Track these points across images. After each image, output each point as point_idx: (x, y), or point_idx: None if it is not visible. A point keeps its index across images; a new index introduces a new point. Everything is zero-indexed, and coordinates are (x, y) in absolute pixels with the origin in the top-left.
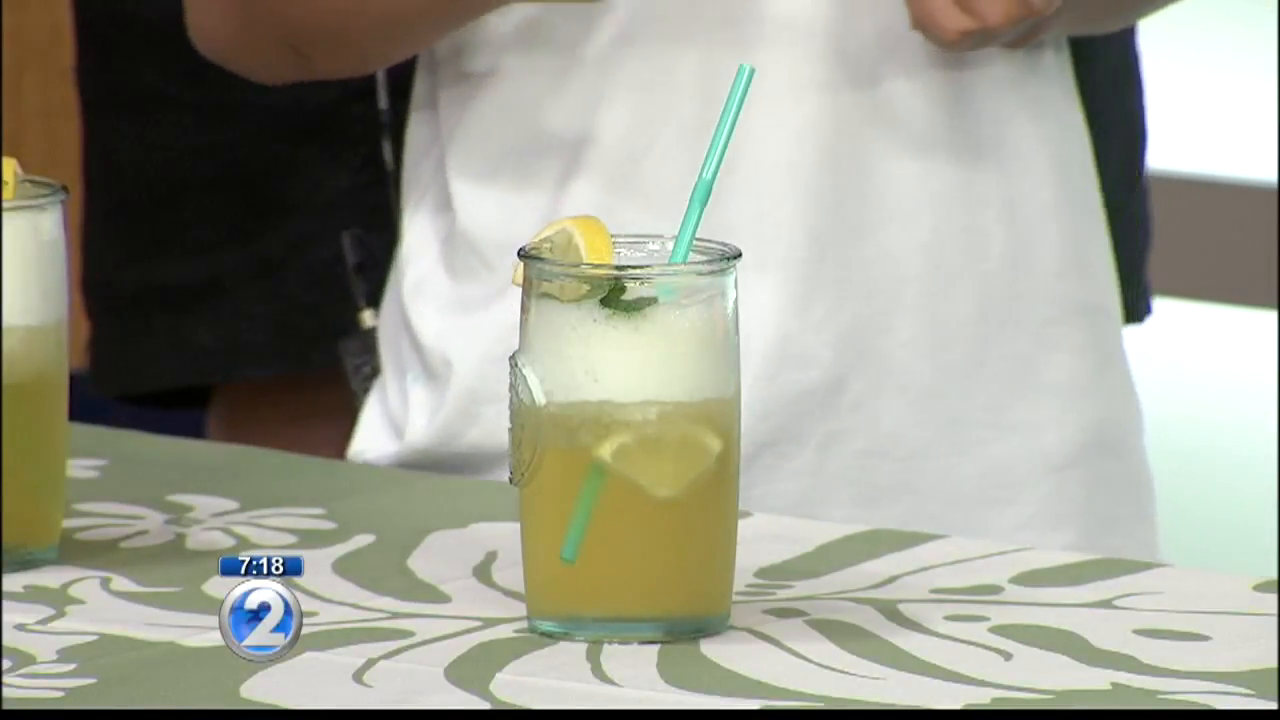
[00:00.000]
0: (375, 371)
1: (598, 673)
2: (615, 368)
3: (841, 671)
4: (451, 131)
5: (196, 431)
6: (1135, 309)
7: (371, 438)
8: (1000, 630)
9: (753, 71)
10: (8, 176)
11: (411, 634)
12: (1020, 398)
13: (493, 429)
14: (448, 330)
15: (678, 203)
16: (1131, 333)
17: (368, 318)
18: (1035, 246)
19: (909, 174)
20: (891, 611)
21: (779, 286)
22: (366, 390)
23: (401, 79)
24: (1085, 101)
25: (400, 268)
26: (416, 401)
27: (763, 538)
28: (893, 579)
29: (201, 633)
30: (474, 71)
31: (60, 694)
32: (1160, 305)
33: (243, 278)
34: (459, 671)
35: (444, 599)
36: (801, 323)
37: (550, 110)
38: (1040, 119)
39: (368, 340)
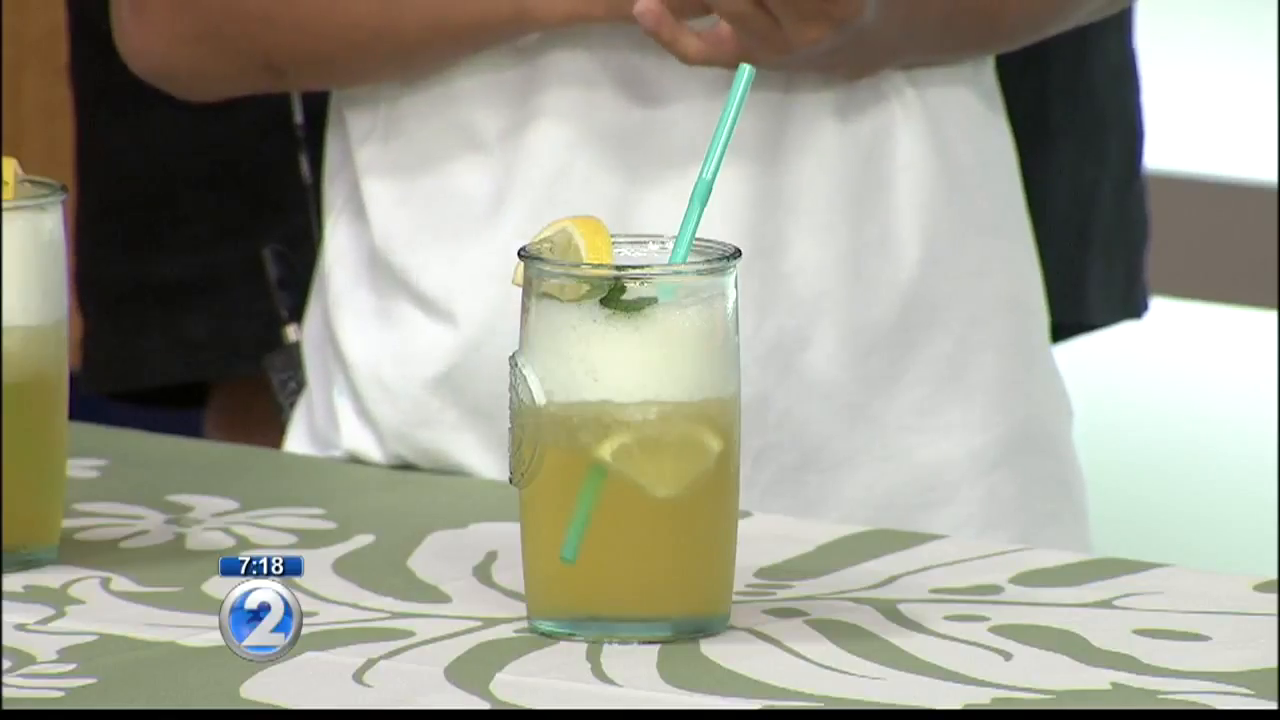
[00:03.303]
0: (300, 386)
1: (598, 673)
2: (615, 368)
3: (841, 671)
4: (362, 146)
5: (195, 432)
6: (1134, 305)
7: (298, 451)
8: (1000, 630)
9: (753, 72)
10: (8, 176)
11: (411, 634)
12: (948, 400)
13: (426, 451)
14: (375, 347)
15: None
16: (1131, 331)
17: (291, 332)
18: (953, 248)
19: (821, 188)
20: (891, 611)
21: None
22: (293, 405)
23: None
24: (1083, 100)
25: (324, 279)
26: (344, 416)
27: (763, 538)
28: (893, 579)
29: (201, 633)
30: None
31: (60, 694)
32: (1160, 305)
33: (237, 274)
34: (459, 671)
35: (444, 599)
36: None
37: (467, 124)
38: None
39: (292, 355)
